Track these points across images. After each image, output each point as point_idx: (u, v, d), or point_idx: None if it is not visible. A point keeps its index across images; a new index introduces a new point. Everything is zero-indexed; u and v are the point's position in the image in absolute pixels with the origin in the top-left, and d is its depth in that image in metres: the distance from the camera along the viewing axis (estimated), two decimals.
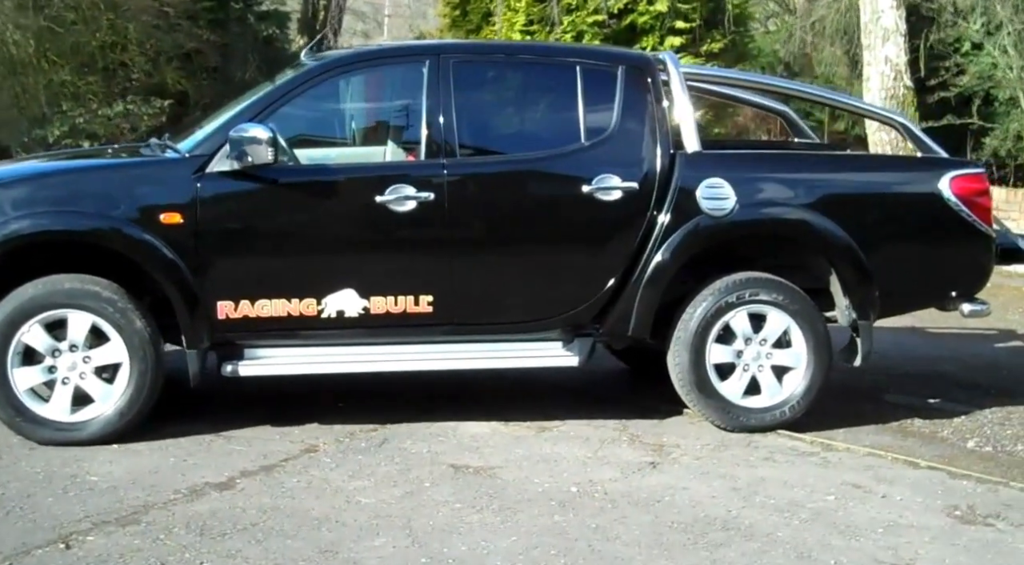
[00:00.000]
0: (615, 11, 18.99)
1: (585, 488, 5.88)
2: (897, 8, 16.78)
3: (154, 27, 19.89)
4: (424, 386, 7.43)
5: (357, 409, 7.05)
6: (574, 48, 7.57)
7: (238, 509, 5.47)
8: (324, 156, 6.91)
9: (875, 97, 16.61)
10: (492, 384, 7.53)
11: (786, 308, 6.76)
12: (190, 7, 20.47)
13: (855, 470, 6.29)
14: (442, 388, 7.47)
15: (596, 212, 6.64)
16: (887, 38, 16.63)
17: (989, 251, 7.13)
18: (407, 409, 7.04)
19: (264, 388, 7.02)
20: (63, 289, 6.22)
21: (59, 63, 19.77)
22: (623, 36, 19.20)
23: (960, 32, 18.96)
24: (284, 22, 23.82)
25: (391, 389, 7.43)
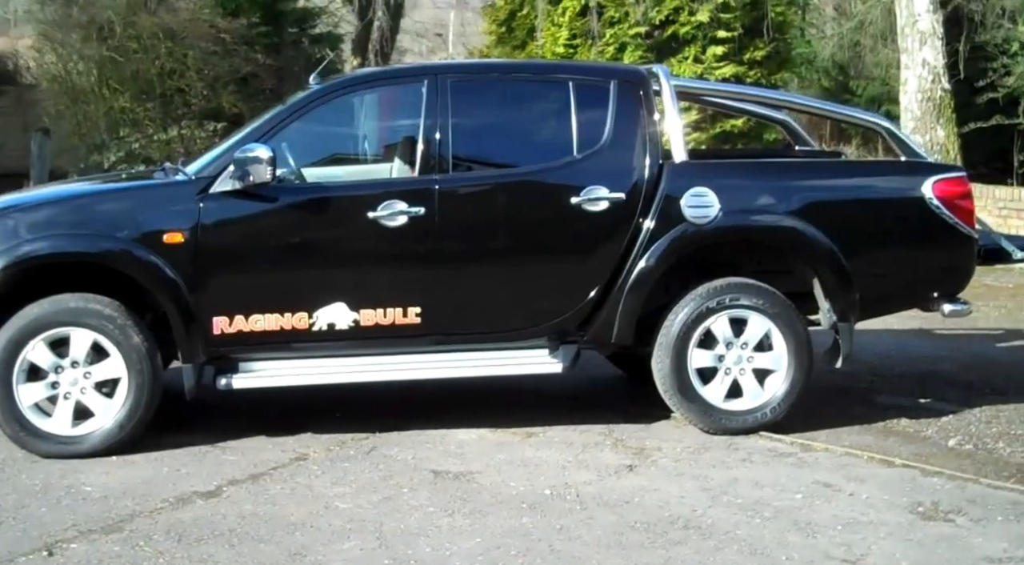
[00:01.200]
0: (657, 23, 19.04)
1: (558, 491, 5.97)
2: (934, 12, 16.71)
3: (212, 53, 20.22)
4: (417, 395, 7.53)
5: (351, 418, 7.16)
6: (568, 65, 7.71)
7: (219, 516, 5.62)
8: (328, 174, 7.06)
9: (912, 99, 16.57)
10: (484, 392, 7.60)
11: (766, 312, 6.82)
12: (246, 33, 20.78)
13: (829, 469, 6.33)
14: (434, 397, 7.55)
15: (583, 222, 6.75)
16: (924, 41, 16.57)
17: (971, 252, 7.14)
18: (399, 418, 7.15)
19: (262, 399, 7.11)
20: (67, 308, 6.41)
21: (119, 91, 20.21)
22: (665, 47, 19.27)
23: (1007, 33, 18.83)
24: (337, 44, 24.12)
25: (386, 398, 7.54)
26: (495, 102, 7.09)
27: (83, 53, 20.27)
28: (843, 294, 6.89)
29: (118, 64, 20.20)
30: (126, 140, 20.08)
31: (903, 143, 7.35)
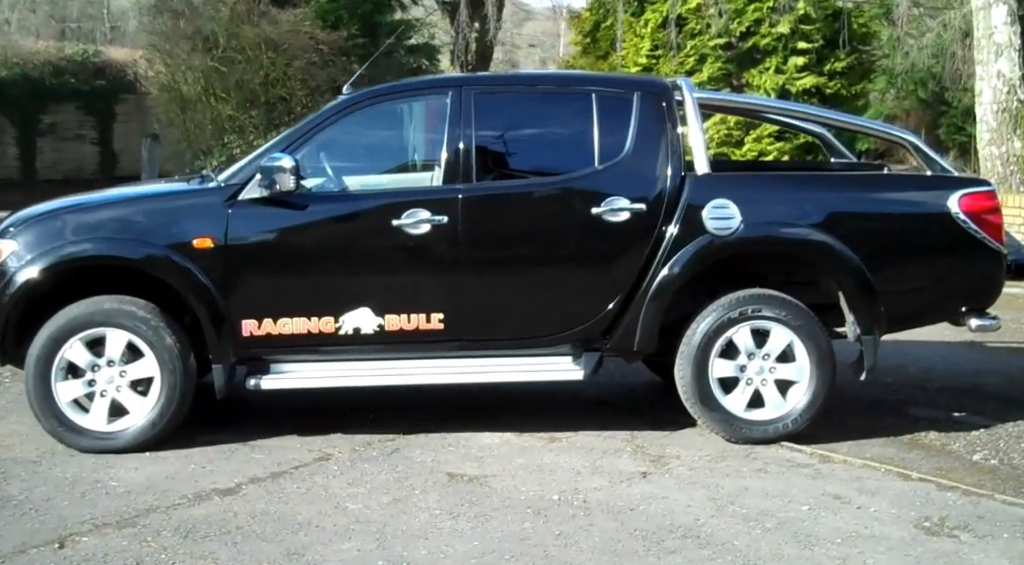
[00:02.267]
0: (737, 34, 18.80)
1: (567, 496, 5.85)
2: (1011, 24, 16.24)
3: (311, 63, 20.40)
4: (448, 398, 7.47)
5: (382, 420, 7.14)
6: (592, 76, 7.60)
7: (231, 514, 5.60)
8: (354, 182, 7.01)
9: (987, 111, 16.12)
10: (515, 397, 7.53)
11: (788, 323, 6.63)
12: (343, 44, 20.91)
13: (843, 481, 6.12)
14: (465, 400, 7.50)
15: (604, 232, 6.62)
16: (1000, 53, 16.12)
17: (1000, 267, 6.88)
18: (428, 420, 7.10)
19: (299, 400, 7.16)
20: (103, 309, 6.47)
21: (225, 99, 20.48)
22: (746, 58, 19.02)
23: None
24: (433, 54, 24.19)
25: (418, 401, 7.49)
26: (518, 113, 6.99)
27: (190, 63, 20.59)
28: (867, 307, 6.67)
29: (223, 74, 20.50)
30: (228, 146, 20.34)
31: (929, 157, 7.09)
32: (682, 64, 18.91)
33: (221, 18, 20.24)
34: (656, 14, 18.95)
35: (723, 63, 18.68)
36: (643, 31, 19.32)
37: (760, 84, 18.69)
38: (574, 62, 21.11)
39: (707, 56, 18.77)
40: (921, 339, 8.28)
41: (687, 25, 18.80)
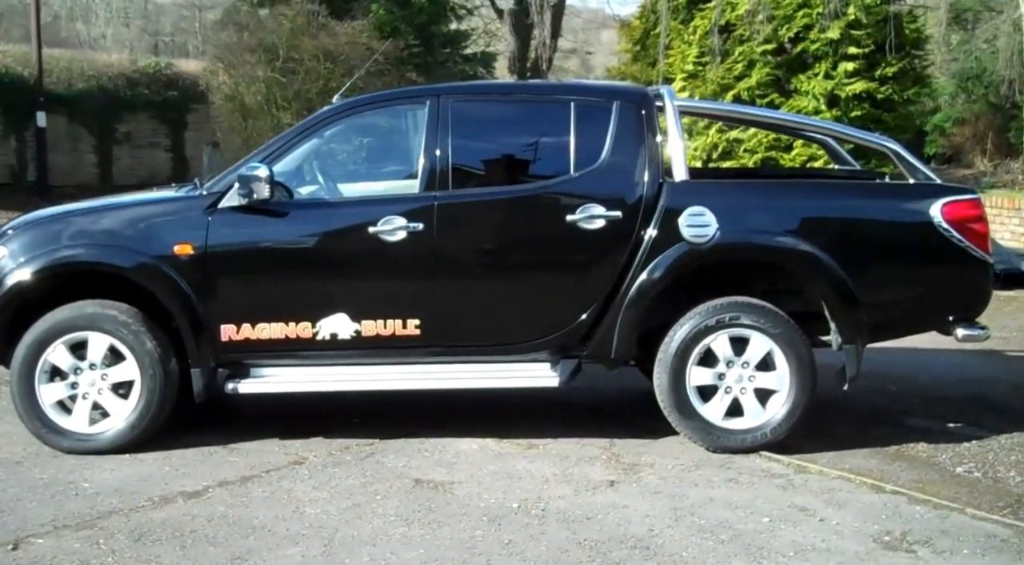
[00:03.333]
0: (786, 40, 18.46)
1: (527, 505, 5.71)
2: None
3: (368, 74, 20.40)
4: (436, 403, 7.32)
5: (368, 424, 7.04)
6: (571, 86, 7.47)
7: (189, 517, 5.52)
8: (331, 190, 6.94)
9: None
10: (501, 403, 7.35)
11: (767, 331, 6.43)
12: (400, 54, 20.92)
13: (812, 493, 5.91)
14: (452, 405, 7.34)
15: (580, 240, 6.47)
16: None
17: (985, 276, 6.62)
18: (411, 425, 7.00)
19: (288, 403, 7.12)
20: (85, 314, 6.44)
21: (285, 108, 20.60)
22: (795, 64, 18.67)
23: None
24: (490, 63, 24.12)
25: (406, 406, 7.36)
26: (496, 122, 6.86)
27: (253, 74, 20.72)
28: (848, 316, 6.45)
29: (283, 84, 20.60)
30: None
31: (912, 165, 6.83)
32: (730, 70, 18.59)
33: (282, 31, 20.30)
34: (704, 21, 18.65)
35: (771, 69, 18.31)
36: (691, 38, 19.04)
37: (809, 89, 18.32)
38: (625, 70, 20.87)
39: (755, 62, 18.41)
40: (937, 347, 7.98)
41: (735, 31, 18.46)
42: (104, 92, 25.38)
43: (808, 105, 18.26)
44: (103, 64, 25.92)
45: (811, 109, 18.24)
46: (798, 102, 18.29)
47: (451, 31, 23.34)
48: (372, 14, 21.46)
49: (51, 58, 25.12)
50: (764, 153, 18.36)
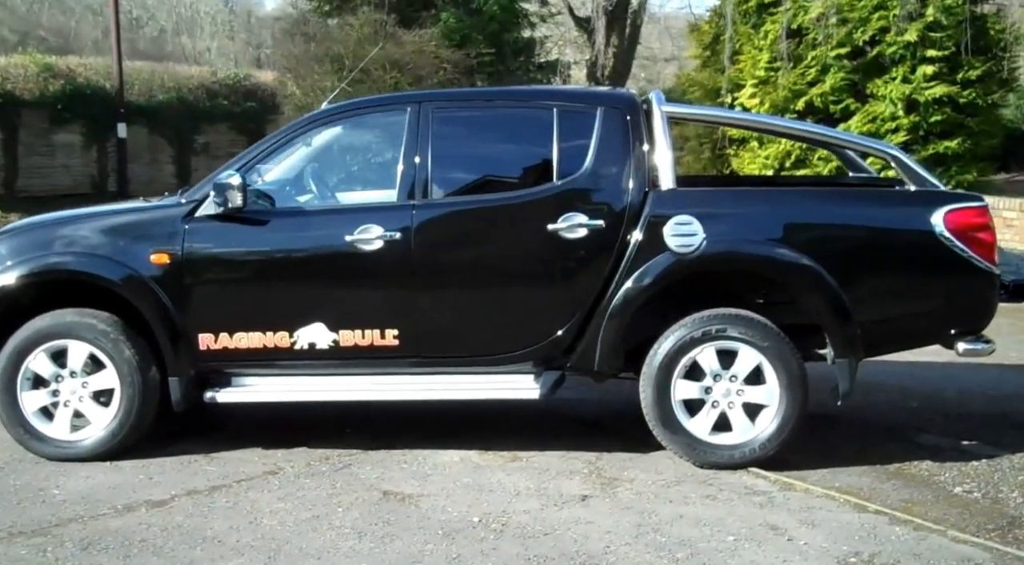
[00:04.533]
0: (861, 43, 18.10)
1: (489, 519, 5.63)
2: None
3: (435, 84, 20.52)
4: (431, 413, 7.27)
5: (357, 434, 7.04)
6: (555, 91, 7.37)
7: (144, 526, 5.54)
8: (309, 198, 6.93)
9: None
10: (495, 414, 7.30)
11: (756, 344, 6.27)
12: (469, 63, 20.97)
13: (790, 512, 5.74)
14: (447, 415, 7.31)
15: (561, 250, 6.37)
16: None
17: (990, 288, 6.38)
18: (400, 435, 6.97)
19: (282, 412, 7.15)
20: (64, 322, 6.53)
21: None
22: (871, 68, 18.31)
23: None
24: (564, 72, 24.04)
25: (402, 416, 7.32)
26: (477, 129, 6.79)
27: (321, 85, 20.91)
28: (840, 329, 6.26)
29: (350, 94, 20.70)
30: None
31: (913, 171, 6.60)
32: (803, 76, 18.28)
33: (349, 40, 20.48)
34: (775, 25, 18.36)
35: (847, 74, 17.96)
36: (762, 43, 18.75)
37: (886, 94, 17.94)
38: (695, 77, 20.65)
39: (830, 66, 18.07)
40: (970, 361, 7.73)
41: (808, 35, 18.14)
42: (184, 103, 25.88)
43: (885, 110, 17.90)
44: (184, 76, 26.45)
45: (887, 114, 17.88)
46: (874, 107, 17.94)
47: (523, 39, 23.28)
48: (442, 23, 21.49)
49: (132, 70, 25.72)
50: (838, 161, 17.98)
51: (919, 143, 18.13)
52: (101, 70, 25.27)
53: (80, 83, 24.72)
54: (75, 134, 24.68)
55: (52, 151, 24.37)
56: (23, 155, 23.81)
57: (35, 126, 24.19)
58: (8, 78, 24.14)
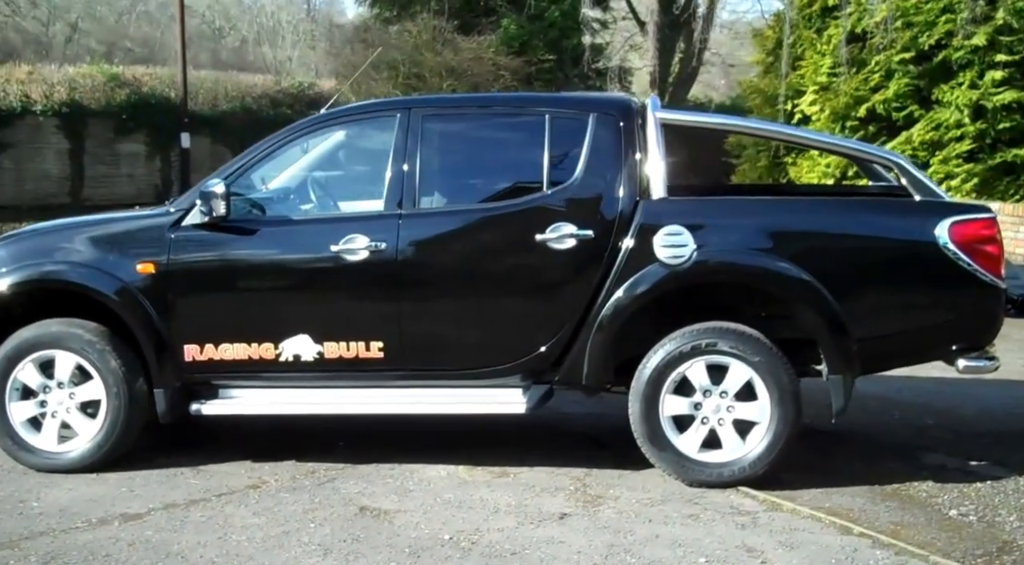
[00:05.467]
0: (926, 47, 17.75)
1: (460, 537, 5.57)
2: None
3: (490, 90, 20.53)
4: (429, 427, 7.18)
5: (349, 448, 7.02)
6: (547, 97, 7.33)
7: (112, 540, 5.55)
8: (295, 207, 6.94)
9: None
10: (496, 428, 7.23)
11: (747, 359, 6.15)
12: (527, 70, 20.97)
13: (771, 533, 5.61)
14: (444, 429, 7.21)
15: (549, 260, 6.30)
16: None
17: (996, 302, 6.19)
18: (394, 449, 6.91)
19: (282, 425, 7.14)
20: (50, 332, 6.59)
21: None
22: (937, 73, 17.95)
23: None
24: (625, 78, 23.91)
25: (397, 429, 7.26)
26: (467, 136, 6.73)
27: (375, 91, 21.04)
28: (835, 343, 6.12)
29: None
30: None
31: (918, 181, 6.42)
32: (866, 81, 17.97)
33: (405, 46, 20.58)
34: (839, 30, 18.06)
35: (912, 79, 17.62)
36: (824, 48, 18.46)
37: (951, 100, 17.56)
38: (757, 83, 20.39)
39: (894, 71, 17.73)
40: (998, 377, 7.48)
41: (872, 39, 17.83)
42: (247, 112, 26.16)
43: (949, 117, 17.52)
44: (247, 85, 26.74)
45: (952, 121, 17.50)
46: (939, 114, 17.56)
47: (584, 45, 23.20)
48: (502, 29, 21.49)
49: (196, 79, 26.08)
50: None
51: (985, 151, 17.71)
52: (166, 79, 25.65)
53: (145, 93, 25.13)
54: (139, 144, 25.10)
55: (117, 160, 24.81)
56: (88, 164, 24.26)
57: (101, 136, 24.66)
58: (76, 88, 24.59)
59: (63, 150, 24.29)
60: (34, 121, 23.78)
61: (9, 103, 23.51)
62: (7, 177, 23.61)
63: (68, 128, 24.15)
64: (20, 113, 23.67)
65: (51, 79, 24.47)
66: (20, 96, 23.53)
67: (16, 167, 23.70)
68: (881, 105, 17.71)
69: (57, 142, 24.22)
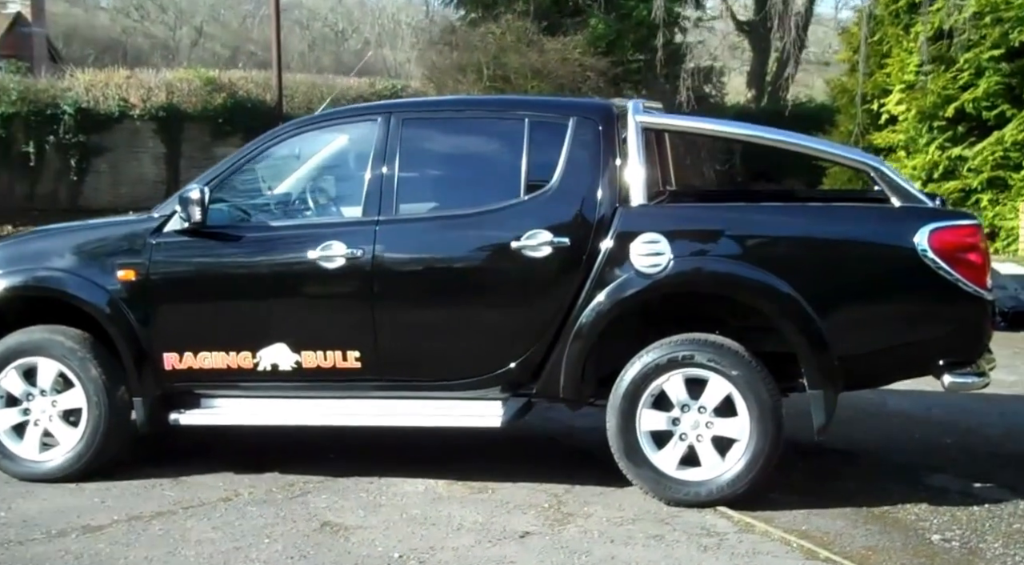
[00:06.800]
0: (1017, 44, 17.11)
1: (411, 555, 5.42)
2: None
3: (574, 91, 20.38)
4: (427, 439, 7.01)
5: (338, 460, 6.93)
6: (527, 101, 7.10)
7: (62, 553, 5.49)
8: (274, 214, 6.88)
9: None
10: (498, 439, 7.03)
11: (725, 373, 5.91)
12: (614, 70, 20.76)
13: (733, 557, 5.36)
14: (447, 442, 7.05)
15: (524, 268, 6.13)
16: None
17: (981, 314, 5.87)
18: (380, 462, 6.78)
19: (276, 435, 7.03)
20: (32, 339, 6.60)
21: None
22: None
23: None
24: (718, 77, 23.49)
25: (388, 442, 7.10)
26: (445, 141, 6.58)
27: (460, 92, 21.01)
28: (814, 355, 5.85)
29: None
30: None
31: (896, 186, 6.09)
32: (954, 80, 17.38)
33: (489, 48, 20.50)
34: (927, 26, 17.50)
35: (1003, 77, 16.99)
36: (911, 45, 17.90)
37: None
38: (844, 81, 19.87)
39: (984, 69, 17.13)
40: None
41: (961, 36, 17.23)
42: None
43: None
44: (343, 87, 26.88)
45: None
46: None
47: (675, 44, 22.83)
48: (591, 28, 21.27)
49: (292, 82, 26.30)
50: (991, 172, 17.06)
51: None
52: (262, 83, 25.93)
53: (241, 96, 25.41)
54: (235, 147, 25.13)
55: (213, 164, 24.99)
56: (184, 168, 24.61)
57: (197, 139, 25.02)
58: (174, 92, 25.00)
59: (159, 154, 24.69)
60: (131, 125, 24.18)
61: (108, 107, 23.91)
62: (103, 181, 24.08)
63: (165, 132, 24.54)
64: (118, 117, 24.07)
65: (149, 83, 24.85)
66: (118, 100, 23.93)
67: (112, 170, 24.16)
68: (971, 104, 17.16)
69: (154, 146, 24.62)
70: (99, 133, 24.09)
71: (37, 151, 23.57)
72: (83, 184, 24.29)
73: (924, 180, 17.31)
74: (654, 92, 21.57)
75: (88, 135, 23.96)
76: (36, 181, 23.91)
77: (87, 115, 23.88)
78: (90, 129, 23.94)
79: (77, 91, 24.01)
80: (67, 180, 24.08)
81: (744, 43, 26.93)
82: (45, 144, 23.69)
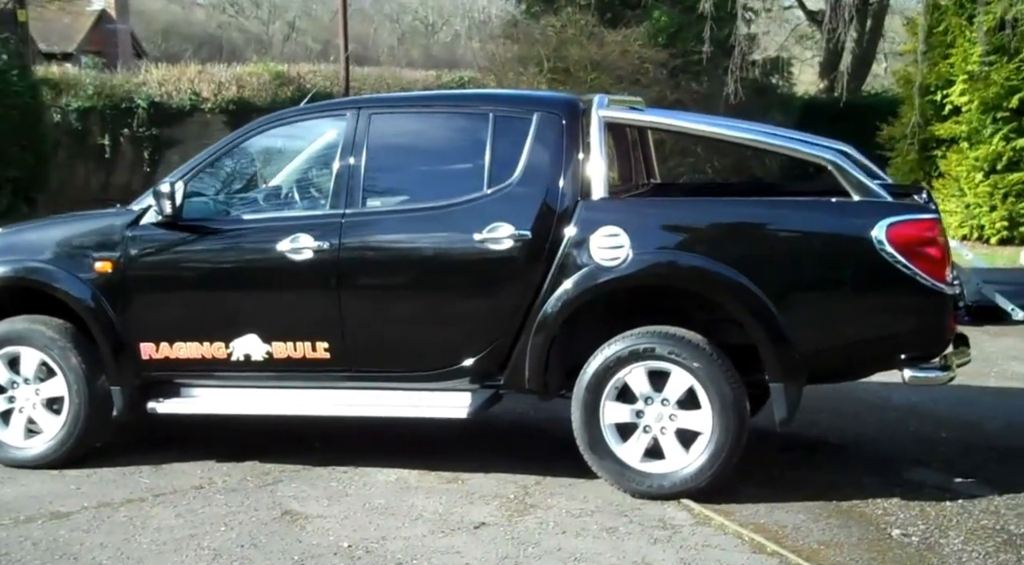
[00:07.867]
0: None
1: (360, 545, 5.45)
2: None
3: (633, 83, 20.29)
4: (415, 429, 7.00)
5: (324, 449, 6.98)
6: (492, 95, 7.11)
7: (21, 539, 5.60)
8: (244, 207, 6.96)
9: None
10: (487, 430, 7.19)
11: (686, 365, 5.88)
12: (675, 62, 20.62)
13: (682, 549, 5.32)
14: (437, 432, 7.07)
15: (487, 261, 6.14)
16: None
17: (940, 309, 5.76)
18: (363, 452, 6.82)
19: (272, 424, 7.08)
20: (16, 329, 6.76)
21: None
22: None
23: None
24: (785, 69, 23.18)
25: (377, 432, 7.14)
26: (414, 135, 6.61)
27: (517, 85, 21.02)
28: (774, 349, 5.80)
29: None
30: None
31: (855, 181, 5.98)
32: (1019, 70, 16.99)
33: (549, 41, 20.48)
34: (989, 16, 17.11)
35: None
36: (974, 35, 17.52)
37: None
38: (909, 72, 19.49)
39: None
40: None
41: (1022, 26, 16.82)
42: None
43: None
44: (409, 80, 27.05)
45: None
46: None
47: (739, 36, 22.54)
48: (651, 20, 21.14)
49: (359, 76, 26.51)
50: None
51: None
52: (331, 76, 26.17)
53: (308, 89, 25.63)
54: None
55: None
56: None
57: None
58: (244, 86, 25.34)
59: None
60: (202, 118, 24.57)
61: (180, 101, 24.33)
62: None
63: (234, 124, 24.76)
64: (189, 111, 24.48)
65: (219, 78, 25.23)
66: (190, 94, 24.34)
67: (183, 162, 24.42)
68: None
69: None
70: (171, 126, 24.51)
71: (112, 144, 24.09)
72: (156, 175, 24.65)
73: (987, 171, 16.95)
74: (714, 84, 21.38)
75: (161, 128, 24.40)
76: (111, 172, 24.39)
77: (160, 109, 24.33)
78: (162, 122, 24.39)
79: (151, 86, 24.40)
80: (140, 171, 24.50)
81: (815, 33, 26.53)
82: (120, 137, 24.22)
